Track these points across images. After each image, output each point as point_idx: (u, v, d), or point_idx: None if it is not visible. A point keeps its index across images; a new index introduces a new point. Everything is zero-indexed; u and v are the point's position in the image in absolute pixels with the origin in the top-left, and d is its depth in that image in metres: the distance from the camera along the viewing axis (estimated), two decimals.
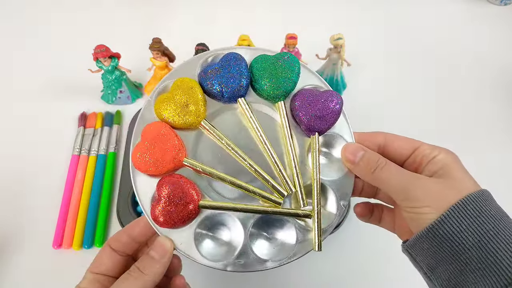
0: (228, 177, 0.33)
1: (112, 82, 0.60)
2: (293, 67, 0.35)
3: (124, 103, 0.64)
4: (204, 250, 0.33)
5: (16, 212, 0.54)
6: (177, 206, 0.32)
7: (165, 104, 0.34)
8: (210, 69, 0.35)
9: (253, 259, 0.33)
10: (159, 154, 0.32)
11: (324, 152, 0.36)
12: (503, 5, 0.79)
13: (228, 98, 0.35)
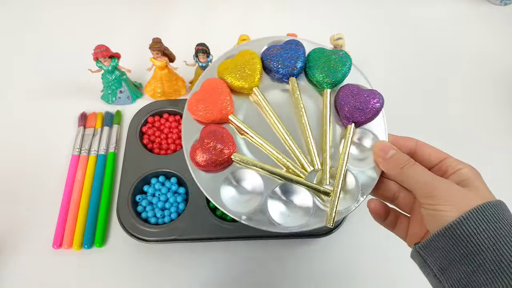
0: (264, 140, 0.37)
1: (112, 82, 0.60)
2: (345, 62, 0.39)
3: (124, 103, 0.64)
4: (225, 198, 0.36)
5: (16, 212, 0.54)
6: (214, 149, 0.35)
7: (227, 66, 0.39)
8: (273, 48, 0.40)
9: (266, 220, 0.35)
10: (211, 103, 0.37)
11: (356, 144, 0.38)
12: (503, 5, 0.79)
13: (282, 74, 0.39)
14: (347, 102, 0.38)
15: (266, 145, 0.37)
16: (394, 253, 0.52)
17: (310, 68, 0.40)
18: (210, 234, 0.50)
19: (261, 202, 0.36)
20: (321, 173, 0.37)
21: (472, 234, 0.28)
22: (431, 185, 0.31)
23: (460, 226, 0.28)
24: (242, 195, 0.36)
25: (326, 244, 0.52)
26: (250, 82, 0.38)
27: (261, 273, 0.50)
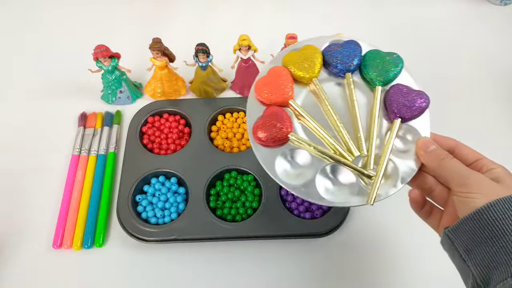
0: (319, 125, 0.41)
1: (112, 82, 0.60)
2: (397, 64, 0.44)
3: (124, 103, 0.64)
4: (278, 170, 0.40)
5: (16, 212, 0.54)
6: (274, 127, 0.40)
7: (292, 58, 0.44)
8: (334, 45, 0.45)
9: (313, 193, 0.39)
10: (275, 87, 0.42)
11: (400, 138, 0.42)
12: (503, 5, 0.79)
13: (339, 69, 0.44)
14: (396, 99, 0.42)
15: (319, 129, 0.41)
16: (393, 253, 0.52)
17: (365, 67, 0.44)
18: (210, 234, 0.50)
19: (311, 178, 0.40)
20: (366, 159, 0.41)
21: (498, 219, 0.31)
22: (465, 175, 0.35)
23: (488, 211, 0.31)
24: (294, 169, 0.41)
25: (326, 244, 0.52)
26: (311, 73, 0.43)
27: (261, 273, 0.51)
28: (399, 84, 0.44)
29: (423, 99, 0.42)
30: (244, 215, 0.52)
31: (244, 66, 0.61)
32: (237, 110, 0.61)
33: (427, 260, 0.52)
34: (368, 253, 0.52)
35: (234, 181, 0.54)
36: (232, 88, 0.66)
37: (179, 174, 0.54)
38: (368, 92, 0.44)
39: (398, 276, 0.51)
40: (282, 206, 0.52)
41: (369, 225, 0.54)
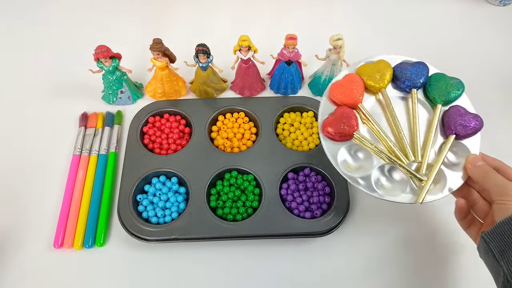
0: (381, 129, 0.48)
1: (113, 82, 0.60)
2: (459, 88, 0.50)
3: (124, 103, 0.64)
4: (340, 160, 0.47)
5: (17, 211, 0.54)
6: (343, 123, 0.47)
7: (365, 68, 0.51)
8: (405, 63, 0.52)
9: (369, 186, 0.46)
10: (348, 90, 0.49)
11: (453, 152, 0.48)
12: (502, 5, 0.79)
13: (406, 85, 0.51)
14: (453, 118, 0.48)
15: (381, 132, 0.48)
16: (392, 252, 0.52)
17: (430, 86, 0.51)
18: (211, 233, 0.51)
19: (367, 172, 0.47)
20: (420, 164, 0.47)
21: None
22: (506, 186, 0.40)
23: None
24: (354, 162, 0.48)
25: (325, 244, 0.52)
26: (380, 83, 0.50)
27: (261, 273, 0.51)
28: (458, 105, 0.50)
29: (478, 122, 0.48)
30: (244, 215, 0.53)
31: (244, 67, 0.61)
32: (237, 111, 0.62)
33: (427, 259, 0.52)
34: (367, 253, 0.52)
35: (234, 181, 0.55)
36: (232, 88, 0.66)
37: (180, 174, 0.55)
38: (429, 109, 0.51)
39: (397, 276, 0.51)
40: (282, 206, 0.52)
41: (368, 225, 0.54)
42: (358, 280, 0.50)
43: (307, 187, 0.54)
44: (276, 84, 0.64)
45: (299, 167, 0.56)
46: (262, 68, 0.64)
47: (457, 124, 0.48)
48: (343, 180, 0.54)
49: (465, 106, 0.50)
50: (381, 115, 0.51)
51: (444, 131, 0.49)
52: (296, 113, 0.62)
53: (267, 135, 0.59)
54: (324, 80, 0.63)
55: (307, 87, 0.67)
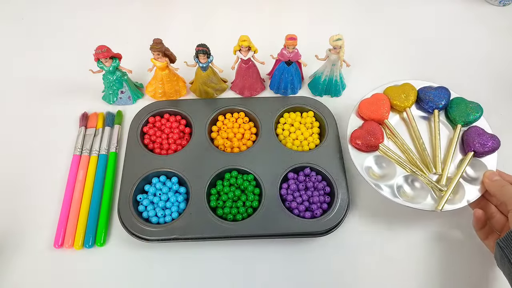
0: (405, 143, 0.54)
1: (113, 82, 0.60)
2: (478, 111, 0.56)
3: (125, 103, 0.64)
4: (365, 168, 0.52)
5: (18, 211, 0.54)
6: (370, 135, 0.53)
7: (392, 90, 0.58)
8: (429, 87, 0.59)
9: (390, 192, 0.50)
10: (376, 107, 0.56)
11: (471, 167, 0.53)
12: (502, 5, 0.79)
13: (429, 106, 0.57)
14: (472, 137, 0.53)
15: (405, 146, 0.54)
16: (392, 252, 0.52)
17: (451, 108, 0.56)
18: (211, 233, 0.51)
19: (392, 181, 0.51)
20: (440, 176, 0.52)
21: None
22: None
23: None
24: (379, 171, 0.53)
25: (325, 244, 0.52)
26: (405, 103, 0.57)
27: (261, 272, 0.51)
28: (476, 126, 0.55)
29: (495, 142, 0.53)
30: (244, 215, 0.53)
31: (244, 67, 0.61)
32: (237, 111, 0.62)
33: (427, 259, 0.52)
34: (367, 252, 0.52)
35: (234, 181, 0.55)
36: (232, 88, 0.66)
37: (180, 173, 0.55)
38: (449, 129, 0.57)
39: (397, 275, 0.51)
40: (282, 206, 0.52)
41: (368, 225, 0.54)
42: (359, 280, 0.51)
43: (307, 187, 0.55)
44: (276, 84, 0.64)
45: (299, 167, 0.56)
46: (262, 68, 0.64)
47: (476, 143, 0.53)
48: (343, 180, 0.54)
49: (484, 127, 0.55)
50: (405, 131, 0.57)
51: (463, 149, 0.54)
52: (296, 113, 0.62)
53: (267, 135, 0.59)
54: (324, 80, 0.63)
55: (307, 87, 0.67)
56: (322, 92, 0.65)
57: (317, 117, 0.61)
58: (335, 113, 0.61)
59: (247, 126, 0.60)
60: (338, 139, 0.58)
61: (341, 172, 0.55)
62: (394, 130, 0.55)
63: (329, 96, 0.66)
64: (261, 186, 0.54)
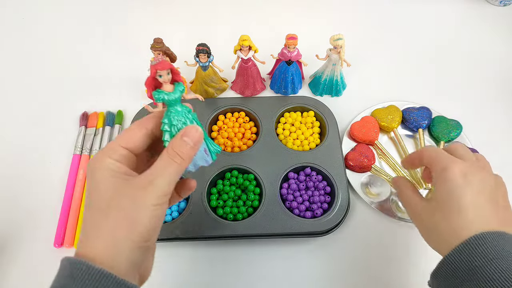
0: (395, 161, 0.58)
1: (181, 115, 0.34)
2: (457, 128, 0.60)
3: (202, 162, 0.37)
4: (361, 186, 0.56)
5: (17, 211, 0.54)
6: (362, 157, 0.57)
7: (379, 112, 0.62)
8: (412, 108, 0.62)
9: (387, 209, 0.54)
10: (366, 129, 0.59)
11: None
12: (502, 5, 0.79)
13: (414, 125, 0.60)
14: None
15: (396, 165, 0.58)
16: (393, 252, 0.52)
17: (433, 126, 0.60)
18: (211, 232, 0.50)
19: (386, 197, 0.55)
20: (430, 190, 0.55)
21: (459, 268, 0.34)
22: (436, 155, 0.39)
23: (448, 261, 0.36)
24: (374, 189, 0.56)
25: (325, 244, 0.52)
26: (392, 124, 0.60)
27: (261, 272, 0.51)
28: (458, 142, 0.59)
29: None
30: (244, 214, 0.52)
31: (244, 67, 0.61)
32: (238, 110, 0.62)
33: (427, 258, 0.52)
34: (367, 252, 0.52)
35: (235, 180, 0.55)
36: (232, 88, 0.66)
37: None
38: (434, 145, 0.60)
39: (399, 274, 0.51)
40: (283, 205, 0.52)
41: (368, 224, 0.54)
42: (359, 280, 0.50)
43: (307, 186, 0.55)
44: (277, 84, 0.64)
45: (300, 166, 0.56)
46: (263, 68, 0.64)
47: None
48: (344, 179, 0.54)
49: (465, 142, 0.59)
50: (394, 150, 0.60)
51: None
52: (296, 113, 0.62)
53: (267, 135, 0.59)
54: (324, 80, 0.63)
55: (308, 87, 0.67)
56: (322, 91, 0.65)
57: (317, 117, 0.61)
58: (335, 113, 0.61)
59: (248, 126, 0.60)
60: (339, 139, 0.58)
61: (341, 172, 0.55)
62: (384, 150, 0.58)
63: (330, 95, 0.66)
64: (261, 185, 0.54)
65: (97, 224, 0.29)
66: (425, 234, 0.39)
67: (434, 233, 0.38)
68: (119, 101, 0.65)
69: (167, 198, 0.31)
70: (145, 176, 0.30)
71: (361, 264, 0.51)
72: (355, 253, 0.52)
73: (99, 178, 0.30)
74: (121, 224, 0.29)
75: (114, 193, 0.30)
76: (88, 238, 0.30)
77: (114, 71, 0.69)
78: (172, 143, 0.31)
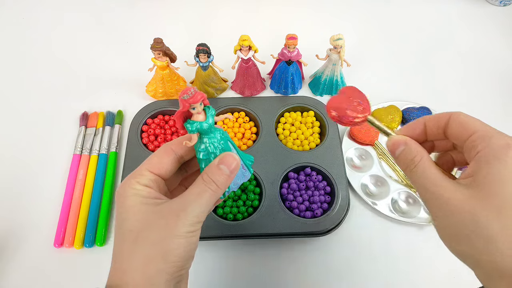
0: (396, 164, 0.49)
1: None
2: None
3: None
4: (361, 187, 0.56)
5: (18, 211, 0.54)
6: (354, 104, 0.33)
7: (379, 111, 0.61)
8: (412, 108, 0.62)
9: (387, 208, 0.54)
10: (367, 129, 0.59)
11: None
12: (502, 5, 0.79)
13: None
14: None
15: (396, 165, 0.56)
16: (393, 252, 0.52)
17: None
18: (211, 232, 0.50)
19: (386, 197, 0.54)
20: None
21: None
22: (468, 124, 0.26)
23: None
24: (375, 189, 0.56)
25: (326, 244, 0.52)
26: (392, 124, 0.60)
27: (261, 272, 0.51)
28: None
29: None
30: (245, 214, 0.52)
31: (244, 66, 0.61)
32: (238, 110, 0.62)
33: (427, 258, 0.52)
34: (368, 252, 0.52)
35: None
36: (232, 88, 0.66)
37: None
38: None
39: (397, 275, 0.51)
40: (283, 205, 0.52)
41: (368, 224, 0.54)
42: (359, 280, 0.50)
43: (307, 186, 0.54)
44: (277, 83, 0.64)
45: (300, 166, 0.56)
46: (263, 68, 0.64)
47: None
48: (344, 179, 0.54)
49: None
50: None
51: None
52: (296, 112, 0.62)
53: (267, 135, 0.59)
54: (324, 80, 0.63)
55: (308, 86, 0.67)
56: (322, 91, 0.65)
57: (317, 117, 0.61)
58: None
59: (248, 126, 0.60)
60: (339, 139, 0.58)
61: (341, 172, 0.55)
62: (384, 150, 0.58)
63: (330, 95, 0.66)
64: (261, 185, 0.54)
65: (129, 257, 0.28)
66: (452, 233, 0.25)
67: (473, 235, 0.24)
68: (119, 101, 0.65)
69: (200, 225, 0.30)
70: (178, 202, 0.29)
71: (361, 264, 0.51)
72: (355, 253, 0.52)
73: (130, 205, 0.29)
74: (154, 257, 0.28)
75: (146, 223, 0.28)
76: (121, 271, 0.28)
77: (114, 71, 0.69)
78: (208, 170, 0.30)
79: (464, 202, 0.24)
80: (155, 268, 0.28)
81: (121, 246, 0.29)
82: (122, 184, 0.30)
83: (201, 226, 0.30)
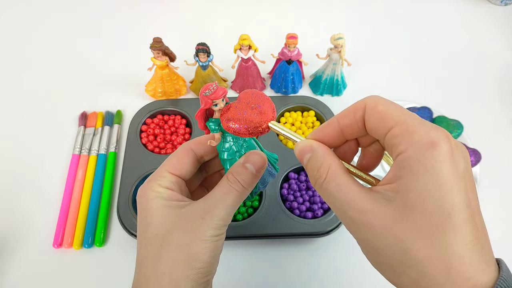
0: None
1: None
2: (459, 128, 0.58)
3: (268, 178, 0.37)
4: None
5: (16, 211, 0.54)
6: (252, 110, 0.28)
7: None
8: (412, 108, 0.61)
9: None
10: None
11: None
12: (503, 5, 0.79)
13: None
14: None
15: None
16: None
17: None
18: None
19: None
20: None
21: None
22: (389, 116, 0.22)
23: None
24: None
25: (326, 244, 0.52)
26: None
27: (261, 273, 0.50)
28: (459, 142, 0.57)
29: (477, 156, 0.56)
30: (244, 215, 0.52)
31: (244, 66, 0.61)
32: None
33: None
34: None
35: None
36: (232, 87, 0.66)
37: None
38: None
39: None
40: (283, 206, 0.52)
41: None
42: (360, 280, 0.50)
43: (308, 187, 0.54)
44: (277, 83, 0.63)
45: (300, 167, 0.55)
46: (263, 68, 0.64)
47: None
48: None
49: (466, 142, 0.59)
50: None
51: None
52: (297, 112, 0.62)
53: (267, 135, 0.58)
54: (325, 79, 0.63)
55: (308, 86, 0.67)
56: (323, 91, 0.65)
57: (318, 117, 0.61)
58: (336, 112, 0.60)
59: None
60: None
61: None
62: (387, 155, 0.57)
63: (330, 95, 0.66)
64: None
65: (154, 262, 0.27)
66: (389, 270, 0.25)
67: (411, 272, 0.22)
68: (118, 101, 0.64)
69: (225, 228, 0.28)
70: (203, 204, 0.28)
71: (362, 264, 0.51)
72: (355, 254, 0.52)
73: (153, 209, 0.28)
74: (179, 263, 0.26)
75: (170, 226, 0.27)
76: (145, 278, 0.27)
77: (113, 70, 0.68)
78: (234, 170, 0.29)
79: (391, 230, 0.21)
80: (181, 274, 0.26)
81: (146, 252, 0.28)
82: (143, 186, 0.29)
83: (226, 230, 0.29)
